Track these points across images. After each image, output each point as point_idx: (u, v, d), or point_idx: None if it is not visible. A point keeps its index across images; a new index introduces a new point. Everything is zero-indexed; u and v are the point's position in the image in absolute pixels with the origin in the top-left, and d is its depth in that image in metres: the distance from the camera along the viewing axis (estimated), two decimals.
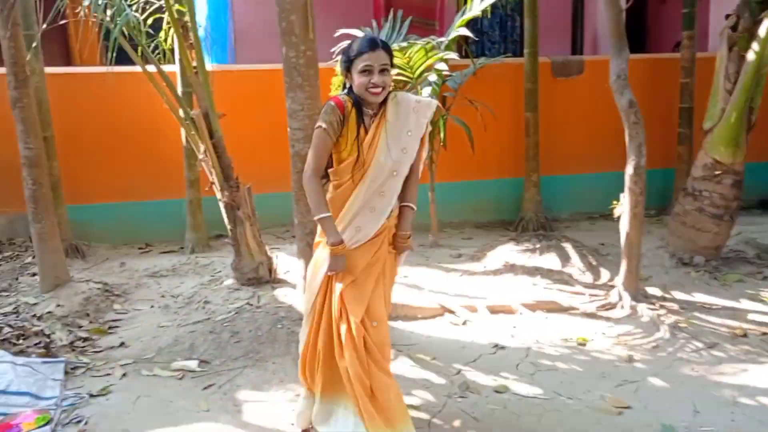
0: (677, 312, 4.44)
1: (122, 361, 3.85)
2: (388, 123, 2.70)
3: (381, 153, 2.68)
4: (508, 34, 9.70)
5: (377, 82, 2.60)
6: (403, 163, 2.72)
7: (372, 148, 2.69)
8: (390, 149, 2.68)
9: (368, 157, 2.68)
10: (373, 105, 2.70)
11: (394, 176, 2.71)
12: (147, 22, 4.60)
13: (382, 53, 2.61)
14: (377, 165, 2.67)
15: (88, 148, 6.11)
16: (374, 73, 2.59)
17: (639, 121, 4.41)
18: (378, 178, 2.68)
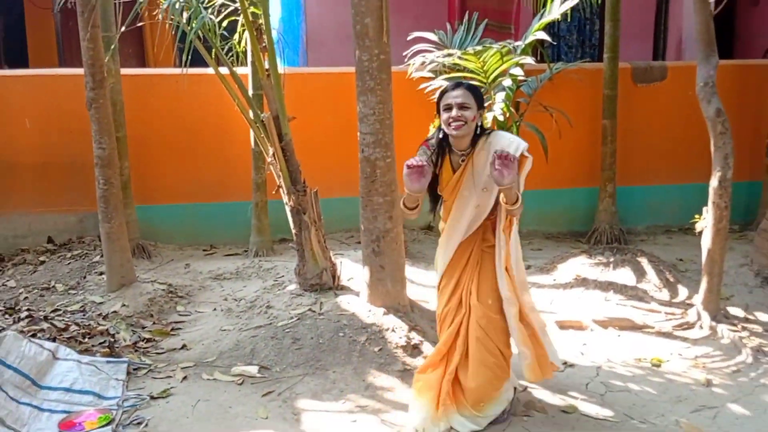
0: (761, 335, 4.26)
1: (183, 364, 3.94)
2: (474, 164, 3.10)
3: (465, 187, 3.13)
4: (586, 38, 9.51)
5: (454, 115, 2.98)
6: (486, 200, 3.13)
7: (456, 188, 3.16)
8: (474, 186, 3.11)
9: (452, 196, 3.18)
10: (461, 144, 3.09)
11: (477, 208, 3.15)
12: (222, 25, 4.71)
13: (462, 91, 3.01)
14: (461, 197, 3.16)
15: (159, 149, 6.31)
16: (453, 108, 2.98)
17: (726, 131, 4.25)
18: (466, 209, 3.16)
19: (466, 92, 3.01)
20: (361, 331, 4.05)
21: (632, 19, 8.25)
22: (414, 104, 6.19)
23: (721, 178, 4.24)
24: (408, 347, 3.96)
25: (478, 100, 3.04)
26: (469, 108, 2.99)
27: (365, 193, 4.17)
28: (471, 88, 3.04)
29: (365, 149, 4.08)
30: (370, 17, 3.86)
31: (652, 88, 6.77)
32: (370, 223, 4.19)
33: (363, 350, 3.91)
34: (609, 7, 6.24)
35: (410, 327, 4.12)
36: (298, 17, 7.51)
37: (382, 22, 3.84)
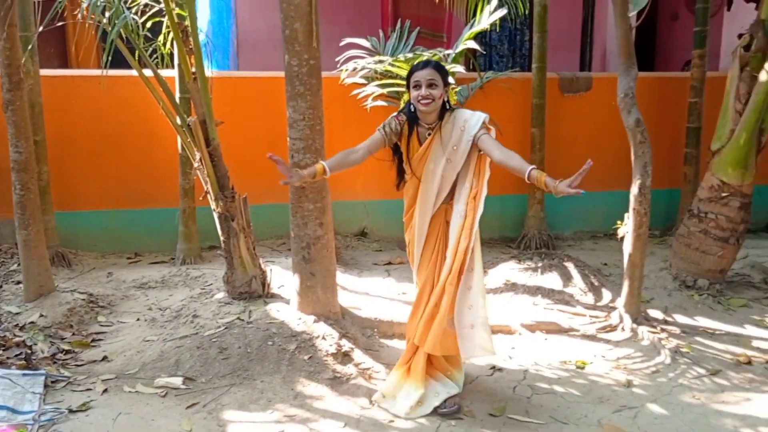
0: (679, 336, 4.44)
1: (104, 376, 3.82)
2: (439, 136, 3.33)
3: (431, 159, 3.35)
4: (517, 48, 9.75)
5: (424, 94, 3.21)
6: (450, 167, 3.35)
7: (424, 158, 3.36)
8: (438, 158, 3.34)
9: (419, 165, 3.38)
10: (428, 119, 3.32)
11: (443, 179, 3.38)
12: (146, 26, 4.61)
13: (430, 70, 3.23)
14: (428, 170, 3.36)
15: (80, 153, 6.12)
16: (422, 86, 3.21)
17: (645, 140, 4.42)
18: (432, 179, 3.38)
19: (433, 71, 3.22)
20: (290, 339, 4.03)
21: (560, 31, 8.52)
22: (346, 110, 6.22)
23: (641, 186, 4.41)
24: (338, 355, 3.96)
25: (444, 78, 3.27)
26: (437, 86, 3.22)
27: (295, 200, 4.16)
28: (438, 67, 3.25)
29: (295, 155, 4.07)
30: (299, 22, 3.85)
31: (578, 98, 6.99)
32: (300, 230, 4.18)
33: (292, 359, 3.89)
34: (537, 19, 6.41)
35: (341, 334, 4.12)
36: (229, 20, 7.42)
37: (311, 26, 3.84)
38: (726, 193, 5.08)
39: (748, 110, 4.99)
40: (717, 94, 5.57)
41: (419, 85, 3.23)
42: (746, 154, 5.05)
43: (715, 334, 4.51)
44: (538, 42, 6.45)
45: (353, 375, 3.84)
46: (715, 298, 5.05)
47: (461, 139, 3.32)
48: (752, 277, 5.54)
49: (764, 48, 5.01)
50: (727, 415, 3.43)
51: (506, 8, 5.29)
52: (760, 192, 5.58)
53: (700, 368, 3.97)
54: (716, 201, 5.13)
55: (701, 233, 5.18)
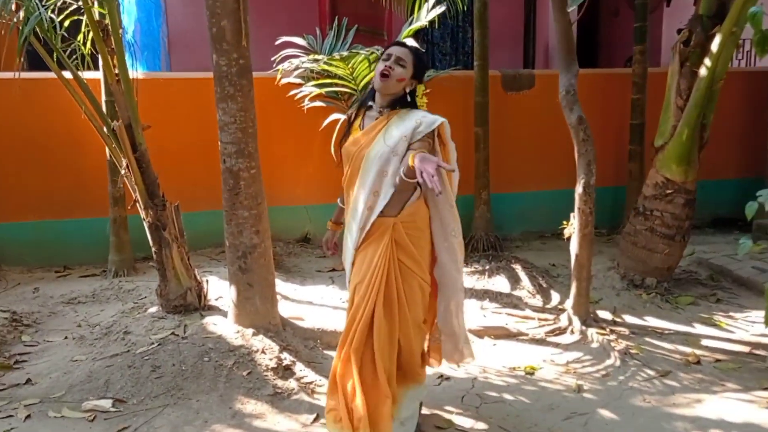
0: (628, 337, 4.43)
1: (27, 401, 3.60)
2: (391, 123, 2.91)
3: (372, 147, 2.89)
4: (460, 45, 9.73)
5: (388, 65, 2.86)
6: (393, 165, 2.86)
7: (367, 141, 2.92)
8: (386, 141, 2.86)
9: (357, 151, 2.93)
10: (382, 99, 2.94)
11: (383, 176, 2.86)
12: (64, 25, 4.38)
13: (405, 50, 2.92)
14: (367, 158, 2.89)
15: (1, 162, 5.80)
16: (390, 60, 2.87)
17: (588, 138, 4.40)
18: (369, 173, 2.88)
19: (409, 53, 2.92)
20: (228, 354, 3.87)
21: (502, 28, 8.52)
22: (284, 112, 6.07)
23: (585, 185, 4.39)
24: (279, 369, 3.83)
25: (418, 67, 2.92)
26: (403, 66, 2.88)
27: (229, 207, 4.00)
28: (416, 53, 2.95)
29: (227, 159, 3.91)
30: (226, 19, 3.70)
31: (521, 96, 6.98)
32: (236, 239, 4.02)
33: (230, 375, 3.73)
34: (477, 15, 6.36)
35: (281, 347, 3.98)
36: (158, 19, 7.18)
37: (240, 24, 3.69)
38: (671, 190, 5.11)
39: (690, 106, 5.02)
40: (659, 90, 5.61)
41: (389, 56, 2.90)
42: (689, 150, 5.08)
43: (664, 333, 4.52)
44: (479, 39, 6.41)
45: (295, 390, 3.71)
46: (663, 297, 5.08)
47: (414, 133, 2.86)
48: (699, 274, 5.61)
49: (703, 43, 5.06)
50: (678, 418, 3.41)
51: (445, 5, 5.22)
52: (704, 187, 5.64)
53: (650, 370, 3.96)
54: (661, 198, 5.15)
55: (647, 231, 5.21)
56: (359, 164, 2.91)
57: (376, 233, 2.91)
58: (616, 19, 10.10)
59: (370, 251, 2.91)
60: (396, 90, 2.91)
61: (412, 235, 2.92)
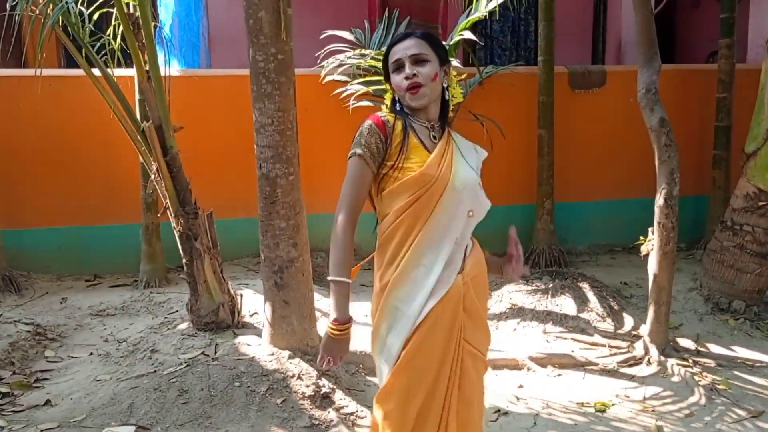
0: (714, 370, 4.14)
1: (44, 425, 3.52)
2: (457, 143, 2.28)
3: (457, 175, 2.19)
4: (521, 39, 9.47)
5: (409, 73, 2.19)
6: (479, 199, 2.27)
7: (444, 166, 2.19)
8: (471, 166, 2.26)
9: (440, 177, 2.18)
10: (427, 112, 2.26)
11: (470, 217, 2.24)
12: (93, 18, 4.30)
13: (414, 40, 2.23)
14: (452, 192, 2.18)
15: (30, 163, 5.81)
16: (405, 65, 2.21)
17: (672, 143, 4.12)
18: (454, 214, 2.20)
19: (419, 41, 2.23)
20: (261, 379, 3.71)
21: (569, 20, 8.21)
22: (328, 112, 5.91)
23: (667, 196, 4.10)
24: (317, 397, 3.65)
25: (438, 50, 2.26)
26: (427, 61, 2.21)
27: (265, 216, 3.84)
28: (427, 37, 2.26)
29: (263, 164, 3.76)
30: (264, 10, 3.54)
31: (590, 95, 6.69)
32: (272, 251, 3.86)
33: (263, 403, 3.57)
34: (542, 6, 6.13)
35: (320, 373, 3.80)
36: (198, 12, 7.12)
37: (279, 15, 3.53)
38: (763, 202, 4.77)
39: None
40: (747, 88, 5.28)
41: (400, 64, 2.22)
42: None
43: (755, 366, 4.22)
44: (544, 32, 6.16)
45: (334, 422, 3.53)
46: (753, 323, 4.77)
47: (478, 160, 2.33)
48: None
49: None
50: None
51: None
52: None
53: (740, 410, 3.67)
54: (752, 211, 4.82)
55: (736, 248, 4.87)
56: (436, 200, 2.16)
57: (447, 305, 2.20)
58: (697, 11, 9.68)
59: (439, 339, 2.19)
60: (436, 95, 2.26)
61: (480, 298, 2.31)
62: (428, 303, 2.16)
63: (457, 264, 2.21)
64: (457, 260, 2.21)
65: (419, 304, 2.16)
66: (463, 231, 2.22)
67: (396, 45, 2.26)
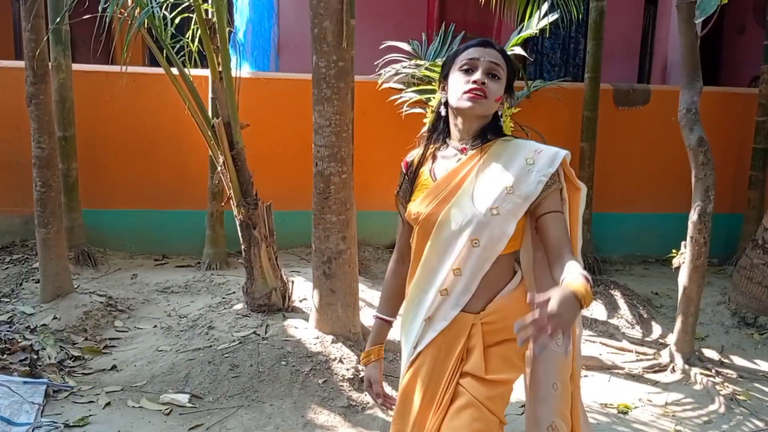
0: (736, 381, 4.02)
1: (109, 388, 3.64)
2: (483, 164, 1.91)
3: (456, 204, 1.89)
4: (571, 56, 9.31)
5: (479, 79, 1.87)
6: (490, 228, 1.85)
7: (446, 196, 1.91)
8: (474, 201, 1.87)
9: (434, 209, 1.91)
10: (469, 126, 1.95)
11: (473, 246, 1.86)
12: (174, 21, 4.41)
13: (495, 51, 1.93)
14: (447, 222, 1.89)
15: (111, 150, 5.97)
16: (479, 69, 1.89)
17: (709, 161, 4.01)
18: (447, 242, 1.89)
19: (500, 56, 1.94)
20: (305, 360, 3.76)
21: (618, 40, 8.05)
22: (384, 117, 5.93)
23: (701, 212, 4.00)
24: (355, 380, 3.69)
25: (510, 75, 1.96)
26: (498, 78, 1.92)
27: (318, 211, 3.89)
28: (507, 56, 1.97)
29: (319, 163, 3.81)
30: (329, 20, 3.58)
31: (633, 112, 6.55)
32: (322, 243, 3.91)
33: (306, 382, 3.62)
34: (592, 26, 6.02)
35: (359, 358, 3.82)
36: (270, 20, 7.22)
37: (342, 26, 3.57)
38: None
39: None
40: None
41: (473, 66, 1.90)
42: None
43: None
44: (592, 50, 6.05)
45: (370, 404, 3.56)
46: None
47: (525, 178, 1.87)
48: None
49: None
50: None
51: (558, 13, 4.91)
52: None
53: (758, 420, 3.56)
54: None
55: (766, 266, 4.72)
56: (431, 228, 1.92)
57: (447, 337, 1.92)
58: (742, 37, 9.38)
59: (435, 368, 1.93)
60: (489, 112, 1.95)
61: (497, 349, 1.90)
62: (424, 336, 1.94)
63: (459, 297, 1.89)
64: (457, 292, 1.89)
65: (416, 333, 1.96)
66: (464, 259, 1.87)
67: (474, 47, 1.94)
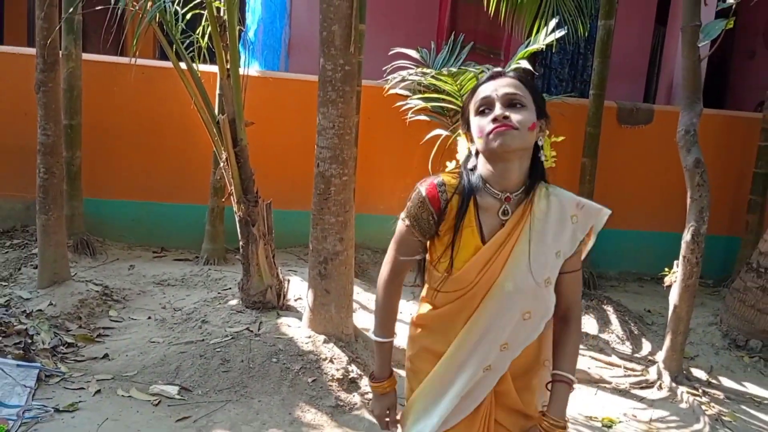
0: (722, 402, 4.06)
1: (100, 376, 3.68)
2: (534, 226, 1.77)
3: (509, 276, 1.76)
4: (578, 72, 9.35)
5: (499, 114, 1.69)
6: (542, 299, 1.80)
7: (494, 265, 1.76)
8: (532, 271, 1.75)
9: (484, 279, 1.77)
10: (508, 177, 1.76)
11: (525, 320, 1.79)
12: (186, 17, 4.47)
13: (508, 80, 1.76)
14: (500, 295, 1.76)
15: (116, 141, 6.03)
16: (495, 105, 1.72)
17: (704, 183, 4.06)
18: (497, 316, 1.79)
19: (515, 81, 1.76)
20: (296, 358, 3.80)
21: (625, 58, 8.11)
22: (389, 122, 5.99)
23: (695, 233, 4.05)
24: (344, 381, 3.73)
25: (537, 97, 1.78)
26: (523, 106, 1.72)
27: (317, 211, 3.94)
28: (523, 78, 1.79)
29: (321, 164, 3.86)
30: (337, 24, 3.64)
31: (636, 131, 6.61)
32: (319, 243, 3.96)
33: (295, 380, 3.66)
34: (599, 44, 6.08)
35: (350, 359, 3.87)
36: (282, 20, 7.28)
37: (350, 30, 3.62)
38: None
39: None
40: None
41: (489, 104, 1.73)
42: None
43: (763, 403, 4.11)
44: (598, 68, 6.11)
45: (357, 405, 3.60)
46: (767, 362, 4.61)
47: (571, 238, 1.82)
48: None
49: None
50: None
51: (565, 30, 4.97)
52: None
53: None
54: None
55: (759, 290, 4.75)
56: (477, 299, 1.79)
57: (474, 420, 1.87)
58: (752, 62, 9.43)
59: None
60: (526, 145, 1.75)
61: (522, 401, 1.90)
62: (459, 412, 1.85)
63: (502, 370, 1.83)
64: (502, 368, 1.83)
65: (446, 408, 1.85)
66: (514, 334, 1.80)
67: (484, 84, 1.78)
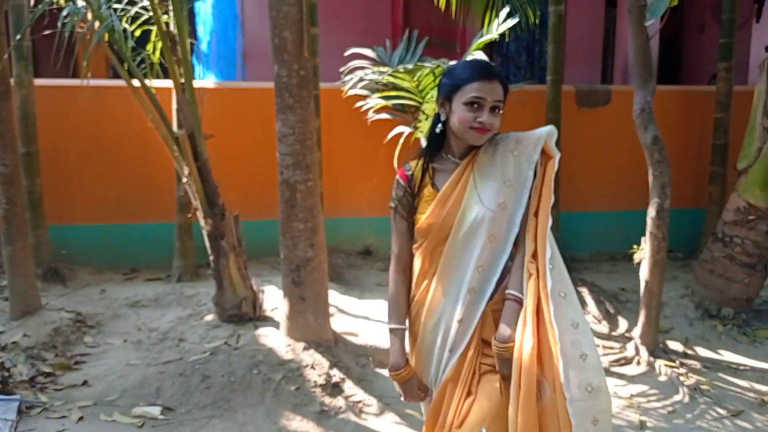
0: (700, 371, 4.15)
1: (81, 403, 3.66)
2: (477, 168, 2.12)
3: (468, 207, 2.10)
4: (536, 59, 9.47)
5: (486, 122, 2.04)
6: (504, 223, 2.10)
7: (454, 202, 2.11)
8: (482, 199, 2.09)
9: (449, 215, 2.11)
10: (461, 147, 2.16)
11: (491, 242, 2.09)
12: (135, 34, 4.44)
13: (498, 87, 2.07)
14: (466, 224, 2.09)
15: (76, 165, 5.96)
16: (485, 109, 2.04)
17: (664, 159, 4.15)
18: (470, 243, 2.10)
19: (502, 89, 2.09)
20: (277, 368, 3.81)
21: (580, 42, 8.24)
22: (350, 123, 6.00)
23: (659, 208, 4.14)
24: (328, 386, 3.74)
25: (506, 96, 2.14)
26: (500, 111, 2.09)
27: (285, 219, 3.96)
28: (506, 86, 2.12)
29: (284, 171, 3.88)
30: (288, 30, 3.66)
31: (596, 112, 6.71)
32: (290, 251, 3.97)
33: (278, 389, 3.67)
34: (551, 29, 6.17)
35: (332, 363, 3.89)
36: (234, 30, 7.27)
37: (302, 35, 3.65)
38: (753, 216, 4.77)
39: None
40: (745, 109, 5.27)
41: (480, 104, 2.05)
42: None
43: (740, 369, 4.21)
44: (552, 53, 6.21)
45: (342, 408, 3.62)
46: (740, 329, 4.76)
47: (518, 168, 2.13)
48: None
49: None
50: None
51: (517, 18, 5.03)
52: None
53: (721, 409, 3.69)
54: (742, 224, 4.82)
55: (726, 259, 4.88)
56: (446, 234, 2.12)
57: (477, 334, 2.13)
58: (702, 35, 9.64)
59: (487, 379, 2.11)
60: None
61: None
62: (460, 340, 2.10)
63: (485, 292, 2.10)
64: (485, 288, 2.10)
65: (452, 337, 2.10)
66: (485, 254, 2.09)
67: (482, 81, 2.06)
